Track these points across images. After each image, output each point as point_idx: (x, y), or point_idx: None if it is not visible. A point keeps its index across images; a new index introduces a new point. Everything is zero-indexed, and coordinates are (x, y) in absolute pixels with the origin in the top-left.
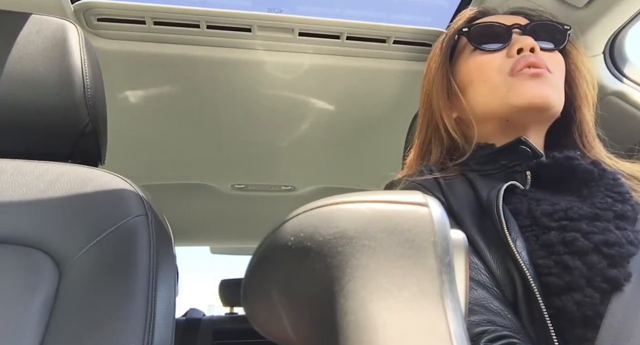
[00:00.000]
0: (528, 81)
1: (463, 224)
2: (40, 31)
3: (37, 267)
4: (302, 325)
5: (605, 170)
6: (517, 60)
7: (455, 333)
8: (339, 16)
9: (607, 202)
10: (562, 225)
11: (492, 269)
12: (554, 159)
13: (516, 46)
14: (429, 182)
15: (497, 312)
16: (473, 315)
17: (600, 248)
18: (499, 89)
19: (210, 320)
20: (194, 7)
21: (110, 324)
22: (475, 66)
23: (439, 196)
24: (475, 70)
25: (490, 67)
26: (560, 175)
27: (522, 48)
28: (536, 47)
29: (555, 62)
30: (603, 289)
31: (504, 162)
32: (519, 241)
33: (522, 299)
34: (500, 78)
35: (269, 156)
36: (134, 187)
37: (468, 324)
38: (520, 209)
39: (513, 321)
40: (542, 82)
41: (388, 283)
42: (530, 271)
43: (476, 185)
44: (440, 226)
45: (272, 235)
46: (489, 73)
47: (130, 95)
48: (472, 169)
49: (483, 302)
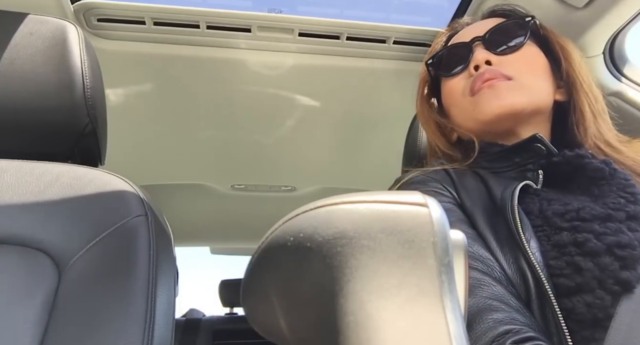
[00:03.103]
0: (485, 95)
1: (475, 221)
2: (40, 32)
3: (37, 268)
4: (302, 326)
5: (616, 169)
6: (473, 81)
7: (455, 333)
8: (338, 16)
9: (620, 202)
10: (574, 225)
11: (504, 268)
12: (564, 156)
13: (472, 64)
14: (439, 174)
15: (517, 309)
16: (495, 312)
17: (612, 250)
18: (467, 111)
19: (210, 320)
20: (194, 7)
21: (109, 324)
22: (446, 93)
23: (451, 189)
24: (447, 96)
25: (455, 92)
26: (571, 173)
27: (478, 65)
28: (490, 58)
29: (519, 62)
30: (614, 291)
31: (517, 160)
32: (532, 241)
33: (535, 299)
34: (465, 100)
35: (269, 156)
36: (133, 187)
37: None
38: (532, 208)
39: (532, 319)
40: (498, 91)
41: (387, 283)
42: (544, 272)
43: (488, 182)
44: (440, 226)
45: (272, 235)
46: (456, 98)
47: (130, 96)
48: (482, 166)
49: (502, 298)
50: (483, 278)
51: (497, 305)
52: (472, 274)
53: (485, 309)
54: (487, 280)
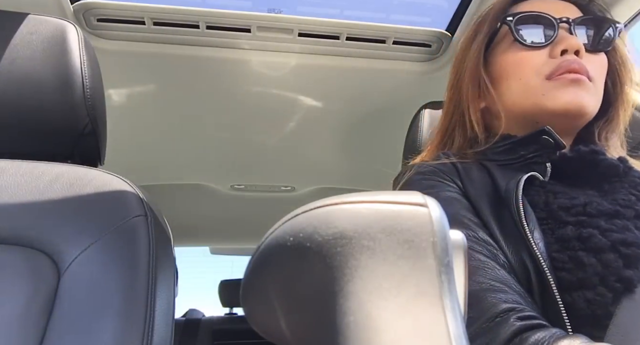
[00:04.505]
0: (566, 87)
1: (480, 210)
2: (40, 31)
3: (36, 268)
4: (301, 326)
5: (631, 168)
6: (559, 65)
7: (455, 334)
8: (338, 17)
9: (631, 199)
10: (580, 220)
11: (508, 258)
12: (579, 152)
13: (560, 46)
14: (446, 166)
15: (519, 293)
16: (499, 292)
17: (617, 247)
18: (534, 91)
19: (209, 320)
20: (194, 7)
21: (109, 325)
22: (514, 62)
23: (457, 180)
24: (512, 66)
25: (528, 66)
26: (582, 168)
27: (567, 50)
28: (582, 49)
29: (598, 65)
30: (616, 288)
31: (523, 153)
32: (536, 232)
33: (537, 291)
34: (537, 80)
35: (269, 157)
36: (133, 188)
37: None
38: (537, 201)
39: (534, 305)
40: (580, 88)
41: (387, 284)
42: (547, 263)
43: (494, 174)
44: (440, 226)
45: (271, 235)
46: (526, 72)
47: (130, 96)
48: (489, 158)
49: (506, 281)
50: (488, 261)
51: (500, 287)
52: (477, 256)
53: (488, 289)
54: (492, 263)
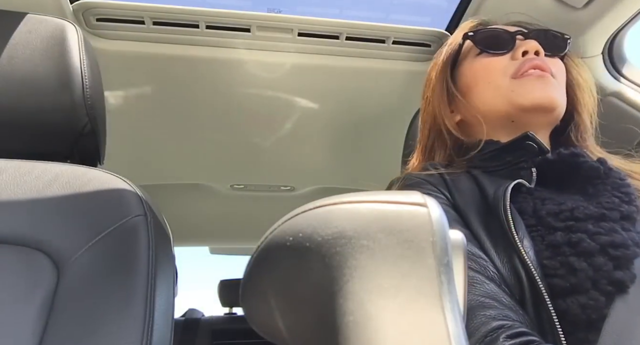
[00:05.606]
0: (533, 83)
1: (469, 221)
2: (39, 31)
3: (36, 267)
4: (301, 326)
5: (611, 169)
6: (522, 63)
7: (454, 333)
8: (338, 16)
9: (614, 202)
10: (568, 225)
11: (499, 268)
12: (559, 155)
13: (521, 49)
14: (434, 177)
15: (509, 307)
16: (488, 309)
17: (606, 249)
18: (503, 90)
19: (209, 320)
20: (193, 7)
21: (109, 324)
22: (481, 68)
23: (445, 191)
24: (480, 72)
25: (494, 69)
26: (565, 172)
27: (527, 51)
28: (540, 50)
29: (558, 68)
30: (608, 291)
31: (509, 159)
32: (526, 240)
33: (529, 299)
34: (504, 80)
35: (268, 156)
36: (133, 187)
37: (484, 318)
38: (526, 208)
39: (525, 317)
40: (546, 84)
41: (387, 283)
42: (537, 271)
43: (481, 182)
44: (439, 226)
45: (271, 235)
46: (494, 75)
47: (129, 95)
48: (476, 165)
49: (495, 295)
50: (475, 276)
51: (489, 303)
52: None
53: (478, 306)
54: (480, 278)
